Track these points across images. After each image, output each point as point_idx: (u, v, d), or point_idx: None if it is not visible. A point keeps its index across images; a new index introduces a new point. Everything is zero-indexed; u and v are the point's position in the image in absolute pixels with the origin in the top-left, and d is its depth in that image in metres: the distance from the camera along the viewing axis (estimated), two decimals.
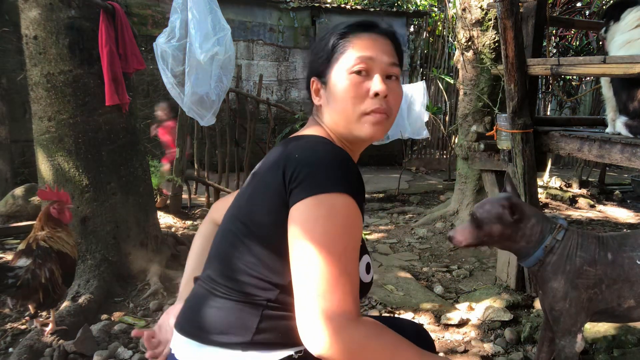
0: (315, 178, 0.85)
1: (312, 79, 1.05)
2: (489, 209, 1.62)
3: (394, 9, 8.25)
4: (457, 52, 4.02)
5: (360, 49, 0.99)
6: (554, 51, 6.04)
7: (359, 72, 0.98)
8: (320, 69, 1.03)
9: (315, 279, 0.80)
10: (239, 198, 1.01)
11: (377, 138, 1.02)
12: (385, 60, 1.00)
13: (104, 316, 2.42)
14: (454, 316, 2.43)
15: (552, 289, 1.61)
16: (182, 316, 1.01)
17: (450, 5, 7.51)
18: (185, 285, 1.16)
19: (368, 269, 1.04)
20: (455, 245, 1.66)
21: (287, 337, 0.90)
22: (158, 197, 4.33)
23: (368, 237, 3.99)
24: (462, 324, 2.40)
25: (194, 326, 0.96)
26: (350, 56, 0.99)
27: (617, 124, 2.29)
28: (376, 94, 0.98)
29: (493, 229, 1.60)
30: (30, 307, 2.05)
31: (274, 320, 0.90)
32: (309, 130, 1.06)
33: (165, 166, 4.64)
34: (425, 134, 5.26)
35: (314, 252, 0.81)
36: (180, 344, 0.97)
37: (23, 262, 1.99)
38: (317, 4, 7.55)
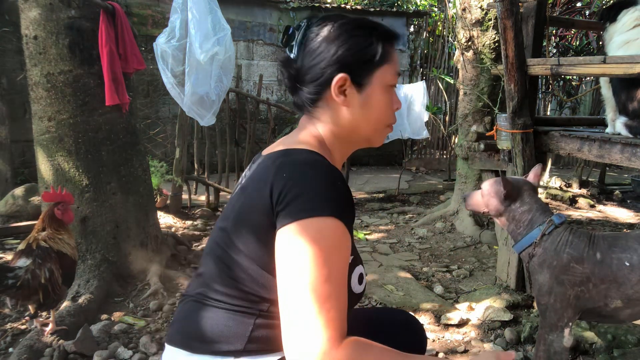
0: (303, 201, 0.84)
1: (342, 76, 0.97)
2: (492, 182, 1.76)
3: (394, 9, 8.25)
4: (457, 52, 4.02)
5: (396, 63, 1.02)
6: (554, 51, 6.04)
7: (392, 86, 1.02)
8: (356, 69, 0.98)
9: (298, 306, 0.80)
10: (227, 210, 1.00)
11: (379, 145, 1.10)
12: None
13: (104, 316, 2.41)
14: (454, 316, 2.43)
15: (538, 283, 1.65)
16: (172, 329, 1.01)
17: (450, 5, 7.51)
18: None
19: (360, 279, 1.02)
20: (466, 207, 1.85)
21: (279, 343, 0.89)
22: (158, 197, 4.33)
23: (368, 237, 3.99)
24: (462, 324, 2.40)
25: (184, 336, 0.96)
26: (392, 69, 1.01)
27: (617, 124, 2.29)
28: (396, 109, 1.05)
29: (490, 202, 1.74)
30: (30, 307, 2.05)
31: (266, 328, 0.91)
32: (302, 136, 1.02)
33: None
34: (425, 134, 5.26)
35: (298, 278, 0.80)
36: (168, 356, 0.97)
37: (23, 262, 1.99)
38: (317, 4, 7.55)
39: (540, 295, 1.64)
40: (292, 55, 1.01)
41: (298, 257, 0.81)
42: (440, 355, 2.12)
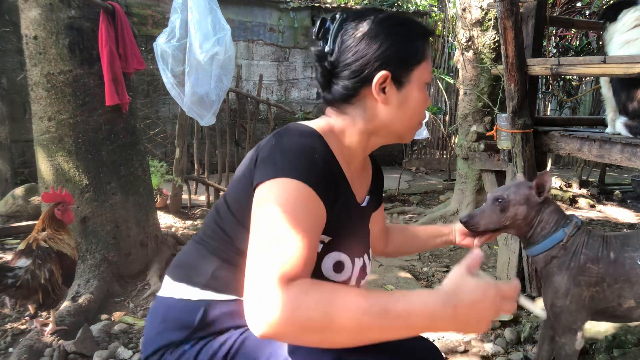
0: (277, 163, 0.87)
1: (385, 74, 0.96)
2: (516, 190, 1.59)
3: (394, 9, 8.25)
4: (457, 52, 4.02)
5: (430, 61, 1.02)
6: (554, 51, 6.04)
7: (428, 84, 1.03)
8: (397, 67, 0.97)
9: (253, 252, 0.82)
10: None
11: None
12: None
13: (104, 316, 2.42)
14: None
15: (555, 285, 1.60)
16: (173, 260, 1.14)
17: (450, 5, 7.51)
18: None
19: (338, 268, 1.00)
20: (472, 229, 1.48)
21: (236, 288, 0.98)
22: (158, 197, 4.33)
23: None
24: None
25: (173, 266, 1.11)
26: (429, 66, 1.02)
27: (617, 124, 2.29)
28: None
29: (519, 211, 1.57)
30: (30, 307, 2.05)
31: (227, 271, 1.00)
32: (318, 120, 1.05)
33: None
34: (425, 134, 5.25)
35: (257, 229, 0.83)
36: (162, 284, 1.11)
37: (23, 262, 1.99)
38: (317, 4, 7.55)
39: (557, 297, 1.61)
40: (326, 49, 0.99)
41: (261, 212, 0.84)
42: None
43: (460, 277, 0.80)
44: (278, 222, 0.81)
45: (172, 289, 1.05)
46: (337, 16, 1.00)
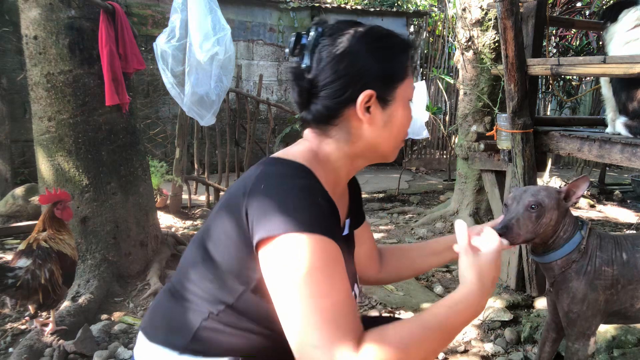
0: (281, 215, 0.79)
1: (368, 93, 0.91)
2: (549, 195, 1.47)
3: (394, 9, 8.25)
4: (457, 52, 4.02)
5: (412, 78, 0.98)
6: (554, 51, 6.04)
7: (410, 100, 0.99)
8: (382, 85, 0.93)
9: (302, 330, 0.76)
10: (214, 208, 0.97)
11: None
12: None
13: (104, 316, 2.42)
14: None
15: (572, 290, 1.54)
16: (145, 315, 1.04)
17: (450, 5, 7.51)
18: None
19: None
20: (510, 241, 1.36)
21: (221, 349, 0.90)
22: (158, 197, 4.33)
23: None
24: None
25: (147, 324, 0.99)
26: (411, 83, 0.97)
27: (617, 124, 2.29)
28: None
29: (553, 216, 1.47)
30: (30, 307, 2.05)
31: (211, 332, 0.90)
32: (298, 148, 0.97)
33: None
34: (425, 134, 5.25)
35: (292, 301, 0.77)
36: (137, 341, 1.00)
37: (23, 262, 1.99)
38: (317, 4, 7.55)
39: (574, 303, 1.55)
40: (303, 65, 0.92)
41: (288, 281, 0.78)
42: (441, 355, 2.12)
43: (474, 262, 0.93)
44: (314, 289, 0.76)
45: (147, 351, 0.95)
46: (313, 32, 0.93)
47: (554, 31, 5.82)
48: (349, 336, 0.76)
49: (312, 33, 0.93)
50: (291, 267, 0.77)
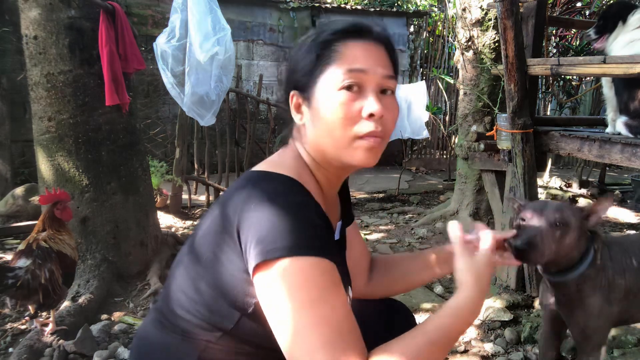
0: (277, 238, 0.76)
1: (292, 93, 0.91)
2: (573, 213, 1.36)
3: (394, 9, 8.25)
4: (457, 52, 4.02)
5: (350, 60, 0.86)
6: (554, 51, 6.04)
7: (349, 88, 0.85)
8: (301, 82, 0.90)
9: (302, 353, 0.74)
10: (198, 226, 0.93)
11: (371, 165, 0.88)
12: (379, 72, 0.87)
13: (104, 316, 2.42)
14: None
15: (590, 307, 1.45)
16: (133, 342, 1.00)
17: (450, 5, 7.51)
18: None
19: None
20: (532, 261, 1.26)
21: None
22: (158, 197, 4.33)
23: (368, 237, 3.99)
24: None
25: (137, 351, 0.96)
26: (339, 69, 0.85)
27: (618, 124, 2.29)
28: (371, 115, 0.85)
29: (575, 236, 1.36)
30: (30, 307, 2.05)
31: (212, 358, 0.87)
32: (285, 157, 0.94)
33: None
34: (425, 134, 5.26)
35: (291, 325, 0.75)
36: None
37: (23, 262, 1.99)
38: (317, 4, 7.55)
39: (590, 320, 1.46)
40: None
41: (285, 305, 0.75)
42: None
43: (472, 264, 0.94)
44: (315, 313, 0.75)
45: None
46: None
47: (554, 31, 5.82)
48: (352, 355, 0.75)
49: None
50: (289, 293, 0.75)
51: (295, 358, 0.75)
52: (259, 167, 0.92)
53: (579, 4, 5.74)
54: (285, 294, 0.75)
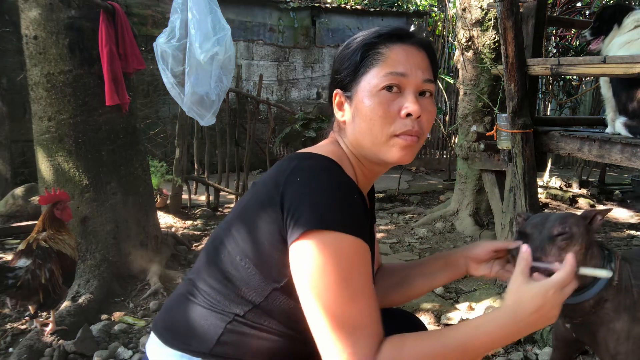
0: (320, 211, 0.80)
1: (336, 92, 0.97)
2: (575, 221, 1.29)
3: (394, 9, 8.25)
4: (457, 52, 4.02)
5: (392, 62, 0.91)
6: (554, 51, 6.04)
7: (389, 89, 0.90)
8: (345, 81, 0.95)
9: (328, 328, 0.79)
10: (237, 205, 0.98)
11: (406, 162, 0.93)
12: (419, 76, 0.91)
13: (104, 316, 2.42)
14: (454, 316, 2.43)
15: (617, 332, 1.34)
16: (158, 315, 1.01)
17: (450, 5, 7.52)
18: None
19: None
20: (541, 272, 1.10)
21: (247, 355, 0.89)
22: (158, 197, 4.33)
23: None
24: None
25: (161, 325, 0.96)
26: (381, 70, 0.91)
27: (617, 124, 2.29)
28: (408, 115, 0.89)
29: (583, 244, 1.28)
30: (30, 307, 2.05)
31: (236, 335, 0.89)
32: (323, 147, 0.98)
33: None
34: None
35: (321, 299, 0.79)
36: (150, 341, 0.98)
37: (23, 262, 1.99)
38: (317, 4, 7.55)
39: (620, 345, 1.34)
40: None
41: (318, 277, 0.79)
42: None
43: (519, 288, 0.88)
44: (347, 292, 0.79)
45: (163, 355, 0.92)
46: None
47: (554, 31, 5.82)
48: (372, 342, 0.79)
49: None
50: (331, 265, 0.78)
51: (319, 332, 0.79)
52: (301, 151, 0.97)
53: (579, 4, 5.75)
54: (327, 265, 0.78)
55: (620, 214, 4.94)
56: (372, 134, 0.91)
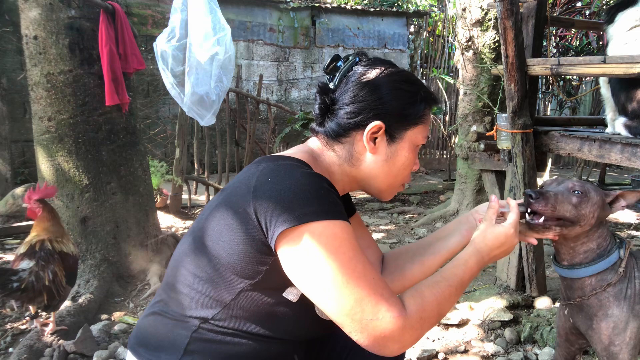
0: (297, 207, 0.82)
1: (378, 125, 0.97)
2: (595, 189, 1.31)
3: (394, 9, 8.25)
4: (457, 52, 4.02)
5: (427, 125, 1.03)
6: (554, 51, 6.04)
7: (418, 147, 1.04)
8: (393, 122, 0.98)
9: (348, 313, 0.81)
10: (203, 211, 0.98)
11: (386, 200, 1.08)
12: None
13: (104, 316, 2.42)
14: (453, 316, 2.43)
15: (613, 319, 1.35)
16: (133, 331, 1.01)
17: (450, 5, 7.52)
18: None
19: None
20: (540, 210, 1.20)
21: (218, 356, 0.89)
22: (158, 197, 4.33)
23: None
24: (462, 324, 2.40)
25: (136, 342, 0.96)
26: (424, 130, 1.02)
27: (617, 125, 2.29)
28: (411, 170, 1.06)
29: (594, 213, 1.28)
30: (32, 308, 2.04)
31: (203, 343, 0.89)
32: (301, 150, 1.00)
33: None
34: None
35: (327, 289, 0.82)
36: (127, 358, 0.98)
37: (26, 264, 1.97)
38: (317, 4, 7.54)
39: (615, 334, 1.35)
40: (331, 85, 1.01)
41: (319, 270, 0.81)
42: (441, 355, 2.12)
43: (486, 229, 1.03)
44: (352, 267, 0.82)
45: None
46: (351, 58, 1.02)
47: (554, 31, 5.83)
48: (398, 300, 0.84)
49: (350, 59, 1.02)
50: (329, 254, 0.81)
51: (344, 311, 0.81)
52: (269, 155, 1.00)
53: (579, 4, 5.75)
54: (324, 255, 0.80)
55: (620, 214, 4.94)
56: (392, 179, 1.03)
